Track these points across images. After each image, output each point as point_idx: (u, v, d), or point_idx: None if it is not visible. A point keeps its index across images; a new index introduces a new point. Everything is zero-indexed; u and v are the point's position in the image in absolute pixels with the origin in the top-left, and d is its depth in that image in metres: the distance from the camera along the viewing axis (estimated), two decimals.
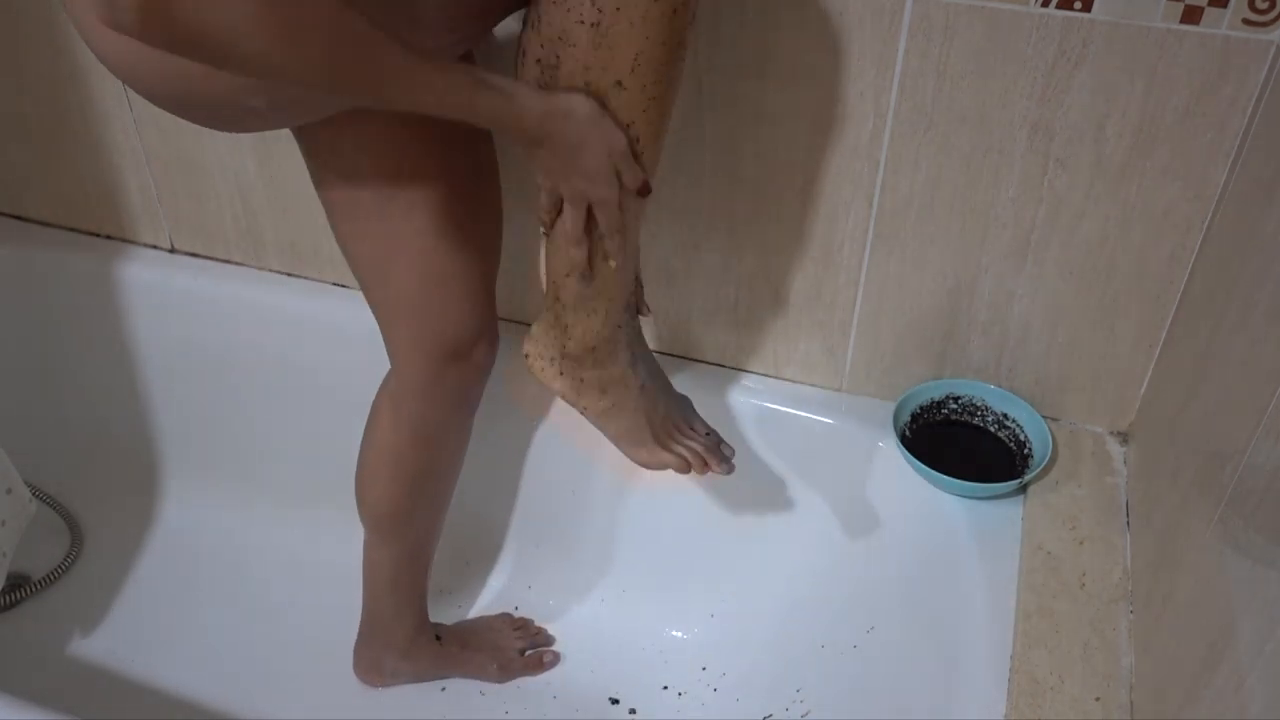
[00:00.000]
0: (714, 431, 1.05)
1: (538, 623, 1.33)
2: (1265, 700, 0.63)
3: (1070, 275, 1.05)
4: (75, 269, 1.38)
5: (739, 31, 1.00)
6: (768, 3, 0.97)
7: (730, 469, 1.03)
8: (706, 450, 1.02)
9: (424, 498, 1.13)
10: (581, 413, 0.99)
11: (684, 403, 1.07)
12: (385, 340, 1.02)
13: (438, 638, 1.25)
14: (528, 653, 1.29)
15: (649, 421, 1.00)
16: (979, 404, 1.15)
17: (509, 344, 1.05)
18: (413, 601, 1.21)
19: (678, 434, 1.02)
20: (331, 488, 1.14)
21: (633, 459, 1.03)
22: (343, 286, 1.33)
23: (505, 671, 1.27)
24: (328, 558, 1.20)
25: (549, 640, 1.32)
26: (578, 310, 0.91)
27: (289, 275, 1.36)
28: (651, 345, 1.24)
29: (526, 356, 0.98)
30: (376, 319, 1.01)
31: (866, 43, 0.97)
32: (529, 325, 0.97)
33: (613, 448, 1.28)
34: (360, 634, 1.24)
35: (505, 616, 1.32)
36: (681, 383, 1.22)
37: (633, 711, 1.24)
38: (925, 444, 1.13)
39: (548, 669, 1.28)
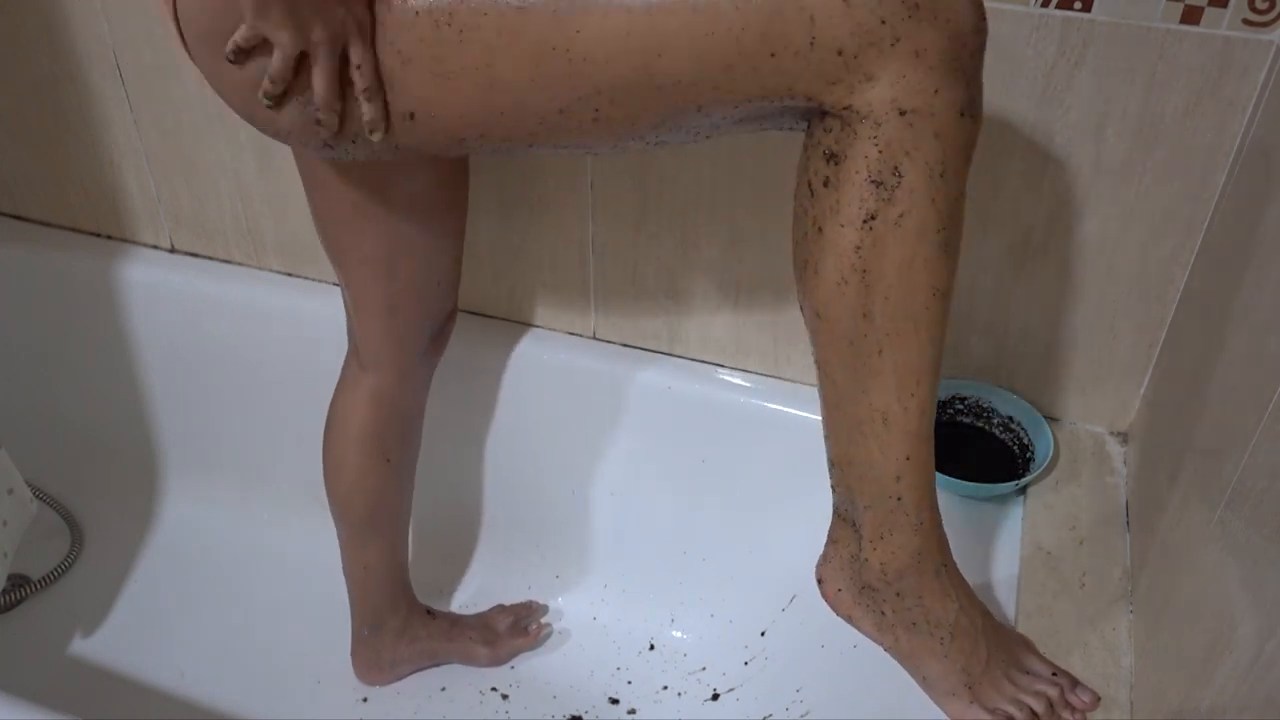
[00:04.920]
0: (1064, 672, 0.87)
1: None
2: (1265, 700, 0.63)
3: (1070, 275, 1.05)
4: (75, 269, 1.38)
5: None
6: None
7: (1092, 703, 0.86)
8: (1048, 706, 0.84)
9: (408, 481, 1.17)
10: (886, 650, 0.86)
11: (1017, 644, 0.89)
12: (374, 339, 1.03)
13: (429, 611, 1.27)
14: (517, 625, 1.29)
15: (964, 670, 0.84)
16: (985, 405, 1.15)
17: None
18: (405, 585, 1.23)
19: (1007, 685, 0.85)
20: None
21: (944, 710, 0.86)
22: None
23: (493, 649, 1.27)
24: (328, 558, 1.20)
25: (540, 612, 1.32)
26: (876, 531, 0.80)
27: (289, 275, 1.35)
28: (651, 345, 1.25)
29: (820, 582, 0.87)
30: (368, 319, 1.02)
31: None
32: (529, 325, 0.97)
33: (613, 447, 1.29)
34: (356, 637, 1.24)
35: (497, 605, 1.33)
36: (680, 382, 1.23)
37: (632, 711, 1.24)
38: None
39: (532, 638, 1.28)
